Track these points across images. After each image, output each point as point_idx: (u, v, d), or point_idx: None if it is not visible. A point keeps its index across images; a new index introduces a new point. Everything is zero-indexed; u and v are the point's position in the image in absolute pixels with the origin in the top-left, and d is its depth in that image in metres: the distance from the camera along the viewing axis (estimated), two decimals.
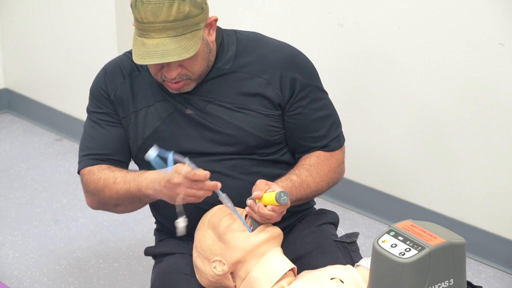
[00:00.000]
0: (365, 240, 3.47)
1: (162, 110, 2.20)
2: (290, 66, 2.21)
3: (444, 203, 3.42)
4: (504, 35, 3.07)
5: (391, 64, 3.44)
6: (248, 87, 2.19)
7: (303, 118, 2.22)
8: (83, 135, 2.30)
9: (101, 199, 2.21)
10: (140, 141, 2.22)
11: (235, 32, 2.25)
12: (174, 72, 2.08)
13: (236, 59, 2.20)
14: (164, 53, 2.01)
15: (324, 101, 2.27)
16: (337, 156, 2.27)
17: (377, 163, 3.58)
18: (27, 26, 4.64)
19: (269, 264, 2.02)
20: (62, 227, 3.59)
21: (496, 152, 3.21)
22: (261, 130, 2.19)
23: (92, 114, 2.28)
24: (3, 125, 4.74)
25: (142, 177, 2.11)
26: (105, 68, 2.29)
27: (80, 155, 2.27)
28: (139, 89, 2.23)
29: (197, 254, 2.11)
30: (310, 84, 2.23)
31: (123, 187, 2.14)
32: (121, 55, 2.30)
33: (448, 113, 3.31)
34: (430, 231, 1.77)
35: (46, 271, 3.25)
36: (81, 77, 4.39)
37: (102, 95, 2.25)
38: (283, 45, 2.26)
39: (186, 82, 2.13)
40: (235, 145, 2.19)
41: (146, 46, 2.02)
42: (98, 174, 2.20)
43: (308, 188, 2.19)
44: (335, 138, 2.27)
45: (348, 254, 2.19)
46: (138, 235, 3.53)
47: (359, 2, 3.48)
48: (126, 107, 2.23)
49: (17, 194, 3.90)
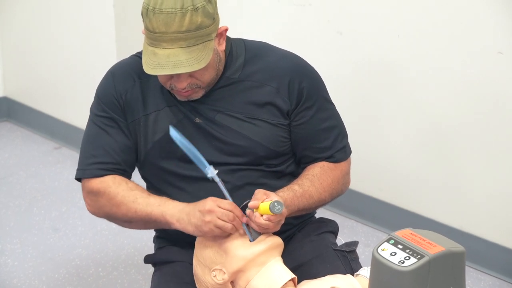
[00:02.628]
0: (364, 248, 3.47)
1: (172, 116, 2.18)
2: (298, 74, 2.20)
3: (444, 211, 3.42)
4: (503, 43, 3.08)
5: (390, 72, 3.44)
6: (257, 96, 2.18)
7: (308, 128, 2.21)
8: (86, 139, 2.24)
9: (113, 214, 2.17)
10: (150, 144, 2.19)
11: (243, 41, 2.24)
12: (184, 82, 2.07)
13: (244, 68, 2.19)
14: (176, 64, 1.99)
15: (331, 112, 2.26)
16: (342, 167, 2.26)
17: (377, 172, 3.58)
18: (26, 34, 4.64)
19: (269, 273, 2.01)
20: (61, 235, 3.59)
21: (495, 161, 3.21)
22: (270, 140, 2.18)
23: (96, 118, 2.23)
24: (3, 133, 4.74)
25: (170, 205, 2.09)
26: (112, 71, 2.24)
27: (84, 162, 2.22)
28: (149, 92, 2.19)
29: (197, 262, 2.11)
30: (317, 94, 2.22)
31: (144, 209, 2.11)
32: (129, 58, 2.26)
33: (447, 121, 3.31)
34: (429, 240, 1.77)
35: (45, 280, 3.25)
36: (80, 85, 4.39)
37: (110, 98, 2.20)
38: (291, 54, 2.26)
39: (195, 90, 2.11)
40: (244, 156, 2.18)
41: (157, 56, 2.00)
42: (115, 188, 2.15)
43: (311, 199, 2.17)
44: (341, 149, 2.25)
45: (348, 263, 2.19)
46: (137, 243, 3.53)
47: (358, 10, 3.48)
48: (135, 111, 2.19)
49: (16, 202, 3.90)
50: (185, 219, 2.05)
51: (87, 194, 2.23)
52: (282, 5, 3.70)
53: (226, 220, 2.00)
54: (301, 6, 3.64)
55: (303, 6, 3.64)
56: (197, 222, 2.03)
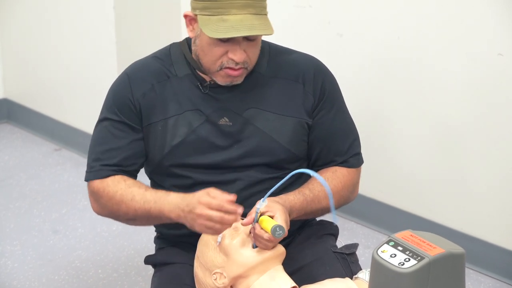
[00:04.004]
0: (364, 250, 3.47)
1: (192, 120, 2.16)
2: (321, 72, 2.24)
3: (444, 213, 3.42)
4: (503, 45, 3.08)
5: (390, 74, 3.44)
6: (285, 91, 2.19)
7: (327, 128, 2.22)
8: (94, 142, 2.23)
9: (115, 212, 2.18)
10: (167, 149, 2.17)
11: (264, 40, 2.25)
12: (243, 55, 2.07)
13: (270, 64, 2.21)
14: (251, 27, 2.01)
15: (348, 117, 2.29)
16: (353, 174, 2.26)
17: (376, 173, 3.58)
18: (26, 36, 4.65)
19: (270, 281, 2.01)
20: (61, 237, 3.59)
21: (494, 162, 3.21)
22: (292, 143, 2.18)
23: (107, 121, 2.20)
24: (2, 135, 4.74)
25: (165, 201, 2.08)
26: (129, 73, 2.22)
27: (91, 164, 2.21)
28: (168, 96, 2.18)
29: (198, 264, 2.11)
30: (337, 97, 2.25)
31: (142, 207, 2.11)
32: (146, 58, 2.25)
33: (446, 122, 3.31)
34: (429, 241, 1.77)
35: (45, 281, 3.25)
36: (80, 87, 4.40)
37: (125, 101, 2.18)
38: (311, 56, 2.29)
39: (243, 71, 2.12)
40: (263, 156, 2.18)
41: (228, 21, 2.01)
42: (113, 187, 2.15)
43: (319, 204, 2.17)
44: (355, 155, 2.26)
45: (348, 265, 2.19)
46: (137, 245, 3.53)
47: (358, 12, 3.48)
48: (153, 114, 2.17)
49: (16, 204, 3.90)
50: (181, 216, 2.05)
51: (90, 195, 2.23)
52: (282, 6, 3.70)
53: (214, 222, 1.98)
54: (301, 7, 3.65)
55: (303, 8, 3.64)
56: (190, 222, 2.03)
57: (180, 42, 2.25)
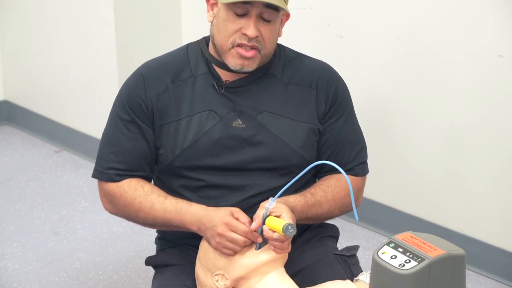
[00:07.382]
0: (364, 252, 3.47)
1: (205, 121, 2.15)
2: (334, 79, 2.24)
3: (444, 215, 3.42)
4: (503, 47, 3.08)
5: (390, 75, 3.44)
6: (298, 96, 2.19)
7: (336, 136, 2.22)
8: (106, 139, 2.21)
9: (132, 218, 2.18)
10: (178, 151, 2.16)
11: (279, 44, 2.25)
12: (256, 30, 2.06)
13: (285, 68, 2.21)
14: None
15: (357, 126, 2.28)
16: (357, 183, 2.26)
17: (377, 175, 3.58)
18: (26, 38, 4.65)
19: (271, 283, 2.01)
20: (61, 239, 3.59)
21: (495, 164, 3.21)
22: (305, 148, 2.18)
23: (119, 120, 2.19)
24: (3, 137, 4.74)
25: (187, 212, 2.09)
26: (143, 72, 2.19)
27: (102, 164, 2.20)
28: (182, 96, 2.16)
29: (200, 265, 2.11)
30: (348, 105, 2.25)
31: (162, 216, 2.12)
32: (161, 58, 2.24)
33: (446, 124, 3.31)
34: (429, 243, 1.77)
35: (45, 283, 3.25)
36: (80, 89, 4.40)
37: (138, 101, 2.16)
38: (323, 62, 2.29)
39: (256, 54, 2.10)
40: (276, 162, 2.17)
41: None
42: (131, 193, 2.15)
43: (320, 209, 2.17)
44: (361, 164, 2.26)
45: (348, 267, 2.18)
46: (137, 247, 3.53)
47: (358, 13, 3.48)
48: (165, 115, 2.16)
49: (16, 205, 3.90)
50: (202, 229, 2.07)
51: (103, 195, 2.23)
52: None
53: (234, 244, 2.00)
54: (302, 9, 3.65)
55: (304, 10, 3.64)
56: (208, 236, 2.05)
57: (197, 41, 2.24)
